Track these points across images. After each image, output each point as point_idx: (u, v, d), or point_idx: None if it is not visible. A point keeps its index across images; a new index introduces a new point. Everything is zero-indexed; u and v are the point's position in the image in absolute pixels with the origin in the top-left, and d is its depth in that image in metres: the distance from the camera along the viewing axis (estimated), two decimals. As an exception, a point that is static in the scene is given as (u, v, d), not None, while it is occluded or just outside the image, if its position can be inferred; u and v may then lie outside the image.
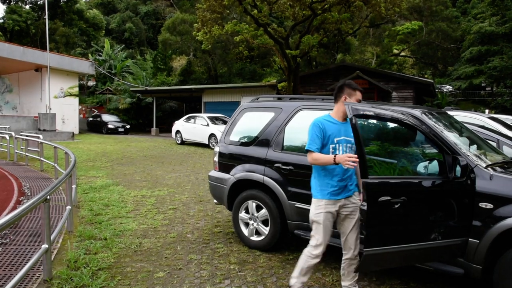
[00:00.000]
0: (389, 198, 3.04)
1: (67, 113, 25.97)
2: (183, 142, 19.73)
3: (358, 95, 3.34)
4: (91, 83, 40.15)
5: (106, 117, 28.47)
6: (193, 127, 18.84)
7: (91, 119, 29.54)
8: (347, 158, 2.97)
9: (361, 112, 3.14)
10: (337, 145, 3.27)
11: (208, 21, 18.76)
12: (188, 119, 19.77)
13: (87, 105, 37.12)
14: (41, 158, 10.83)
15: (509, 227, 3.05)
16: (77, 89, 27.16)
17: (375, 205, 3.01)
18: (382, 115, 3.34)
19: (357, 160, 2.96)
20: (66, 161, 7.79)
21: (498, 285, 3.15)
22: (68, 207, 5.25)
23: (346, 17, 19.70)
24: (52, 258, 4.12)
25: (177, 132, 20.02)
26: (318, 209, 3.26)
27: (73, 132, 23.00)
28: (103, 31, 46.48)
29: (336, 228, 3.37)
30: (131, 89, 29.73)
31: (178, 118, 30.20)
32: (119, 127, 27.64)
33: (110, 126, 27.22)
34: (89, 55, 37.27)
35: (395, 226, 3.15)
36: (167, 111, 31.82)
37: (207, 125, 17.97)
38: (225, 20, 21.86)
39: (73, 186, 6.31)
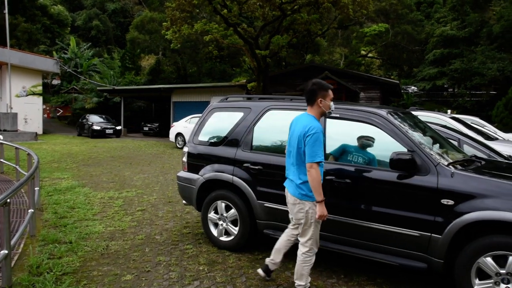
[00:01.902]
0: (333, 177, 3.82)
1: (30, 112, 25.03)
2: None
3: (331, 94, 3.44)
4: (55, 81, 38.87)
5: (92, 118, 25.01)
6: None
7: (80, 121, 25.78)
8: (325, 215, 3.33)
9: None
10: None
11: (178, 20, 18.53)
12: (192, 120, 17.66)
13: (51, 104, 35.95)
14: (1, 160, 10.39)
15: (468, 222, 3.18)
16: (40, 87, 26.21)
17: (324, 181, 3.66)
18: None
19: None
20: (28, 163, 7.49)
21: (458, 279, 3.28)
22: (31, 210, 5.05)
23: (315, 18, 19.97)
24: (12, 264, 3.96)
25: (178, 135, 17.97)
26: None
27: (36, 133, 22.19)
28: (69, 28, 45.04)
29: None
30: (98, 88, 28.99)
31: (147, 118, 29.91)
32: (107, 128, 23.94)
33: (96, 127, 23.63)
34: (54, 52, 36.01)
35: (338, 200, 3.80)
36: (136, 111, 31.25)
37: None
38: (195, 19, 21.67)
39: (36, 189, 6.09)
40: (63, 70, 33.32)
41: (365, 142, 3.93)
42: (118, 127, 24.75)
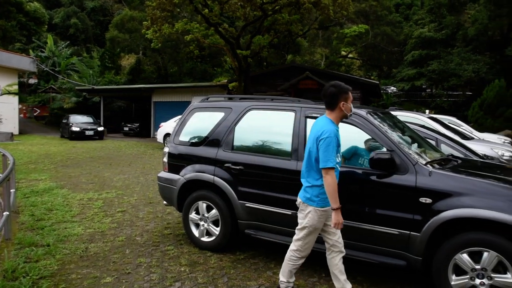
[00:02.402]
0: None
1: (6, 112, 24.37)
2: None
3: (351, 96, 3.38)
4: (32, 80, 37.97)
5: (73, 118, 23.05)
6: None
7: (62, 121, 24.03)
8: (340, 223, 3.19)
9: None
10: (338, 154, 3.32)
11: (158, 19, 18.33)
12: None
13: (28, 104, 35.11)
14: (-24, 161, 10.08)
15: (446, 219, 3.26)
16: (16, 87, 25.42)
17: None
18: None
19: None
20: (3, 164, 7.31)
21: (436, 275, 3.35)
22: (6, 213, 4.92)
23: (296, 19, 20.05)
24: (-13, 268, 3.85)
25: (167, 135, 17.02)
26: (322, 218, 3.30)
27: (12, 133, 21.64)
28: (46, 26, 43.89)
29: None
30: (76, 87, 28.45)
31: (127, 118, 29.46)
32: (87, 129, 21.95)
33: (74, 128, 21.68)
34: (30, 51, 35.12)
35: None
36: (115, 111, 30.80)
37: None
38: (176, 18, 21.49)
39: (12, 190, 5.93)
40: (40, 69, 32.55)
41: (373, 144, 3.89)
42: (100, 128, 23.04)
